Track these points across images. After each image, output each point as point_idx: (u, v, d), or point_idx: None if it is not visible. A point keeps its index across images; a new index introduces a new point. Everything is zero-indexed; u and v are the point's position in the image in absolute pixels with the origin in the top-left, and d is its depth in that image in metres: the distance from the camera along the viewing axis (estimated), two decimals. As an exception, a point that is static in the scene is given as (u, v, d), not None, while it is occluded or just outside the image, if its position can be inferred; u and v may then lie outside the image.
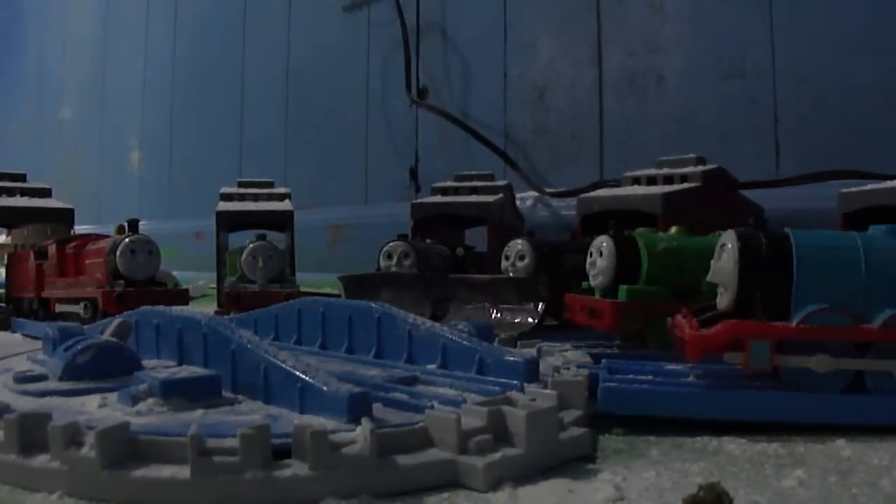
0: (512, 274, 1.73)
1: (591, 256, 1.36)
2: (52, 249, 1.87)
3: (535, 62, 2.78)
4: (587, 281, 1.38)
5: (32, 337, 1.71)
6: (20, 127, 6.26)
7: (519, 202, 2.51)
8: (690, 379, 0.97)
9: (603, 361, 1.07)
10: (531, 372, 0.95)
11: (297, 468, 0.66)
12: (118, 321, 1.01)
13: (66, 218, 2.22)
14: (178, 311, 1.05)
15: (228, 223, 2.20)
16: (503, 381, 0.93)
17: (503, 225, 2.18)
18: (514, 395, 0.84)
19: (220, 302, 2.10)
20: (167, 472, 0.65)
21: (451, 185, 2.32)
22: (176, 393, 0.81)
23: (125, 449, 0.67)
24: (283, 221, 2.19)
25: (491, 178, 2.33)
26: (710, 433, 0.88)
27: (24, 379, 0.93)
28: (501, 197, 2.23)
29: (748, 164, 2.12)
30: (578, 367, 1.03)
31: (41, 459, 0.68)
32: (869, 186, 1.45)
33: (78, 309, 1.71)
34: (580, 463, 0.77)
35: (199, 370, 0.90)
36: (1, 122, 6.53)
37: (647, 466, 0.76)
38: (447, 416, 0.72)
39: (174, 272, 2.91)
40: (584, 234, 1.88)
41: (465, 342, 1.02)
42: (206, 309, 1.65)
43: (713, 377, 0.96)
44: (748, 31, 2.23)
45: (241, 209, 2.19)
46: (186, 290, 1.86)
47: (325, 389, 0.77)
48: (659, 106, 2.44)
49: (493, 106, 2.88)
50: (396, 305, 1.16)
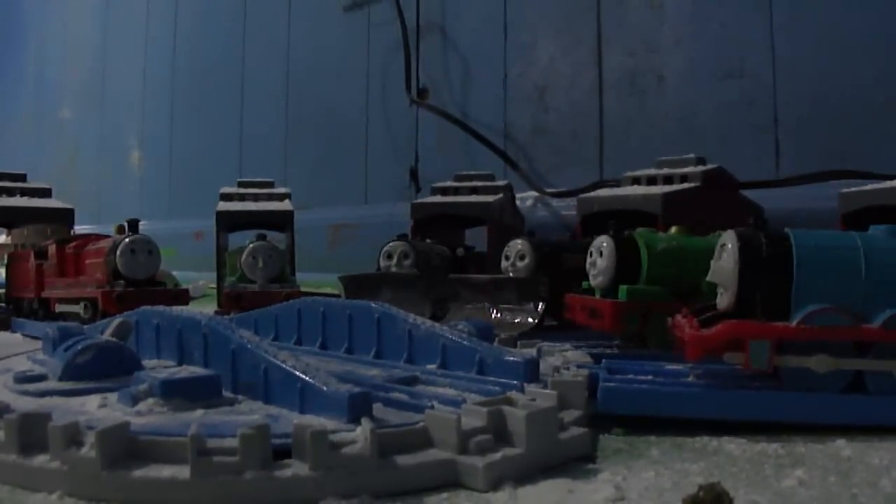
0: (512, 274, 1.73)
1: (591, 256, 1.36)
2: (52, 249, 1.87)
3: (535, 62, 2.78)
4: (587, 281, 1.38)
5: (32, 337, 1.71)
6: (20, 127, 6.26)
7: (519, 202, 2.51)
8: (690, 379, 0.97)
9: (603, 361, 1.07)
10: (531, 372, 0.94)
11: (297, 468, 0.66)
12: (118, 321, 1.01)
13: (66, 218, 2.22)
14: (178, 311, 1.05)
15: (228, 223, 2.20)
16: (503, 381, 0.93)
17: (503, 225, 2.18)
18: (514, 395, 0.84)
19: (220, 302, 2.10)
20: (167, 472, 0.65)
21: (451, 185, 2.32)
22: (176, 393, 0.81)
23: (125, 449, 0.67)
24: (283, 221, 2.19)
25: (491, 178, 2.33)
26: (710, 433, 0.87)
27: (24, 379, 0.93)
28: (501, 197, 2.23)
29: (748, 164, 2.13)
30: (578, 367, 1.03)
31: (41, 459, 0.68)
32: (869, 186, 1.45)
33: (78, 309, 1.71)
34: (580, 463, 0.77)
35: (199, 370, 0.90)
36: (1, 122, 6.53)
37: (647, 466, 0.76)
38: (447, 416, 0.72)
39: (174, 272, 2.90)
40: (584, 234, 1.88)
41: (465, 342, 1.02)
42: (206, 309, 1.65)
43: (713, 377, 0.96)
44: (748, 31, 2.23)
45: (241, 209, 2.19)
46: (186, 290, 1.86)
47: (325, 389, 0.77)
48: (659, 106, 2.44)
49: (493, 106, 2.88)
50: (396, 305, 1.16)
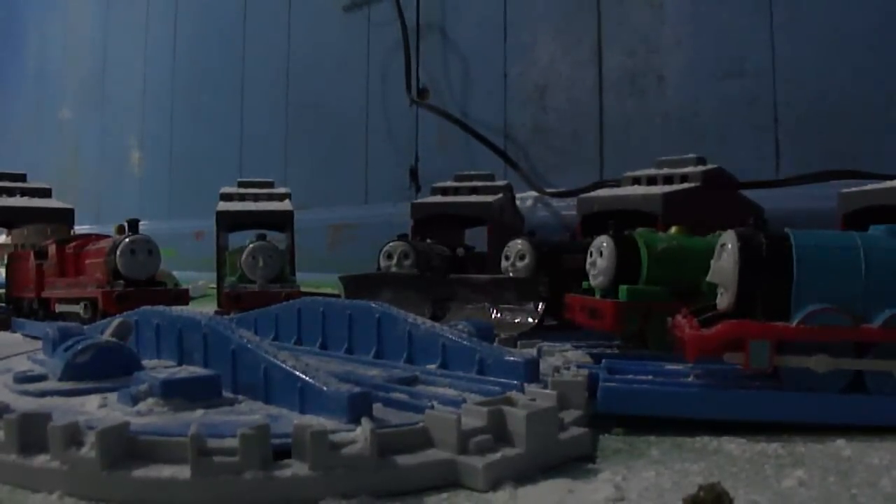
0: (512, 274, 1.73)
1: (591, 256, 1.36)
2: (52, 249, 1.87)
3: (535, 62, 2.77)
4: (587, 281, 1.38)
5: (32, 337, 1.71)
6: (20, 127, 6.26)
7: (519, 202, 2.51)
8: (690, 379, 0.97)
9: (603, 361, 1.07)
10: (531, 372, 0.94)
11: (297, 468, 0.66)
12: (118, 321, 1.01)
13: (66, 218, 2.22)
14: (178, 311, 1.05)
15: (228, 223, 2.20)
16: (503, 381, 0.93)
17: (503, 225, 2.18)
18: (514, 395, 0.84)
19: (220, 302, 2.10)
20: (167, 472, 0.65)
21: (451, 185, 2.32)
22: (176, 393, 0.81)
23: (125, 449, 0.67)
24: (283, 221, 2.19)
25: (491, 178, 2.33)
26: (710, 433, 0.87)
27: (24, 379, 0.93)
28: (501, 197, 2.23)
29: (748, 164, 2.12)
30: (578, 367, 1.03)
31: (41, 459, 0.68)
32: (869, 186, 1.45)
33: (78, 309, 1.71)
34: (580, 463, 0.77)
35: (199, 370, 0.90)
36: (1, 121, 6.52)
37: (647, 466, 0.76)
38: (447, 416, 0.72)
39: (174, 272, 2.91)
40: (584, 234, 1.88)
41: (465, 342, 1.02)
42: (206, 309, 1.65)
43: (713, 377, 0.96)
44: (748, 31, 2.23)
45: (241, 209, 2.20)
46: (186, 290, 1.86)
47: (325, 389, 0.77)
48: (659, 106, 2.44)
49: (493, 106, 2.88)
50: (396, 305, 1.16)
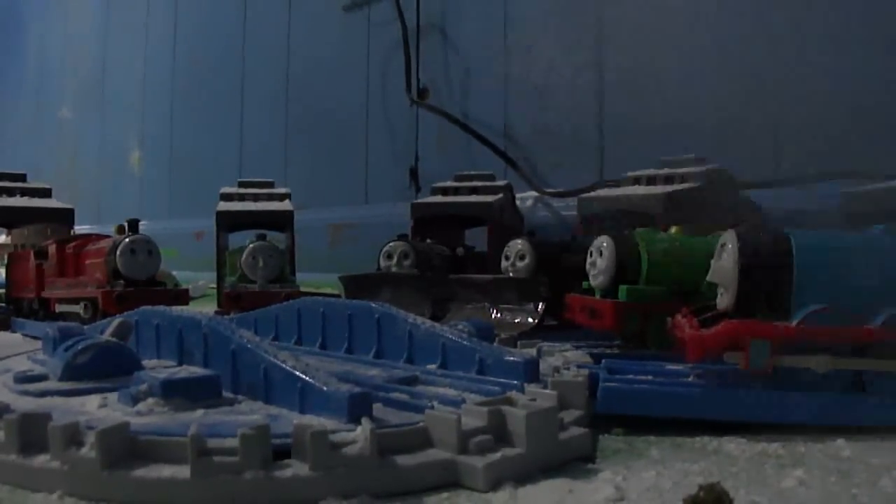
0: (512, 274, 1.73)
1: (591, 256, 1.36)
2: (52, 249, 1.87)
3: (535, 62, 2.77)
4: (587, 281, 1.38)
5: (32, 337, 1.71)
6: (20, 127, 6.26)
7: (519, 202, 2.51)
8: (690, 379, 0.97)
9: (603, 361, 1.07)
10: (531, 372, 0.94)
11: (297, 468, 0.66)
12: (118, 321, 1.01)
13: (66, 218, 2.22)
14: (178, 311, 1.05)
15: (228, 223, 2.20)
16: (503, 381, 0.93)
17: (503, 225, 2.18)
18: (514, 395, 0.84)
19: (220, 302, 2.10)
20: (167, 472, 0.65)
21: (451, 185, 2.32)
22: (176, 393, 0.81)
23: (125, 449, 0.67)
24: (283, 221, 2.19)
25: (491, 178, 2.33)
26: (710, 433, 0.87)
27: (24, 379, 0.93)
28: (501, 197, 2.23)
29: (748, 164, 2.12)
30: (578, 367, 1.03)
31: (41, 459, 0.68)
32: (870, 186, 1.45)
33: (78, 309, 1.71)
34: (580, 463, 0.77)
35: (199, 370, 0.90)
36: (1, 122, 6.52)
37: (647, 466, 0.76)
38: (447, 416, 0.72)
39: (174, 272, 2.91)
40: (584, 234, 1.88)
41: (465, 342, 1.02)
42: (206, 309, 1.66)
43: (713, 377, 0.96)
44: (748, 31, 2.22)
45: (241, 209, 2.20)
46: (186, 290, 1.86)
47: (325, 389, 0.77)
48: (659, 106, 2.44)
49: (493, 106, 2.88)
50: (396, 305, 1.16)
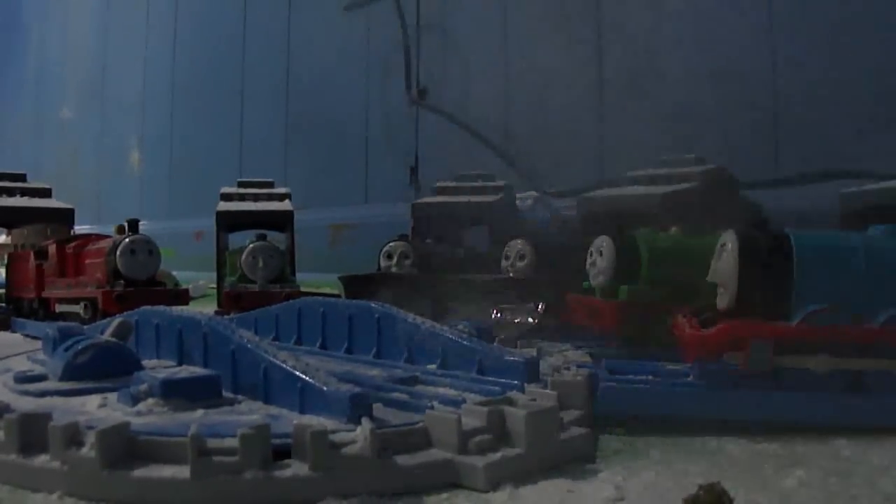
0: (512, 274, 1.73)
1: (591, 256, 1.36)
2: (52, 249, 1.87)
3: (535, 62, 2.77)
4: (587, 281, 1.38)
5: (32, 337, 1.71)
6: (20, 127, 6.26)
7: (519, 202, 2.51)
8: (690, 379, 0.97)
9: (603, 361, 1.07)
10: (531, 372, 0.94)
11: (297, 468, 0.66)
12: (118, 321, 1.01)
13: (66, 218, 2.22)
14: (178, 311, 1.05)
15: (228, 223, 2.19)
16: (503, 381, 0.93)
17: (503, 225, 2.18)
18: (514, 395, 0.84)
19: (220, 302, 2.10)
20: (167, 472, 0.65)
21: (451, 184, 2.32)
22: (176, 393, 0.81)
23: (125, 449, 0.67)
24: (283, 221, 2.18)
25: (491, 178, 2.32)
26: (710, 433, 0.87)
27: (24, 379, 0.93)
28: (501, 197, 2.23)
29: (748, 164, 2.12)
30: (578, 367, 1.03)
31: (41, 459, 0.68)
32: (869, 186, 1.45)
33: (78, 309, 1.71)
34: (580, 463, 0.77)
35: (199, 370, 0.90)
36: (1, 122, 6.52)
37: (647, 466, 0.76)
38: (447, 416, 0.72)
39: (174, 272, 2.90)
40: (584, 234, 1.88)
41: (465, 342, 1.02)
42: (206, 309, 1.65)
43: (713, 377, 0.96)
44: (748, 31, 2.22)
45: (241, 209, 2.19)
46: (186, 290, 1.86)
47: (325, 389, 0.77)
48: (659, 106, 2.43)
49: (493, 106, 2.88)
50: (396, 305, 1.16)
